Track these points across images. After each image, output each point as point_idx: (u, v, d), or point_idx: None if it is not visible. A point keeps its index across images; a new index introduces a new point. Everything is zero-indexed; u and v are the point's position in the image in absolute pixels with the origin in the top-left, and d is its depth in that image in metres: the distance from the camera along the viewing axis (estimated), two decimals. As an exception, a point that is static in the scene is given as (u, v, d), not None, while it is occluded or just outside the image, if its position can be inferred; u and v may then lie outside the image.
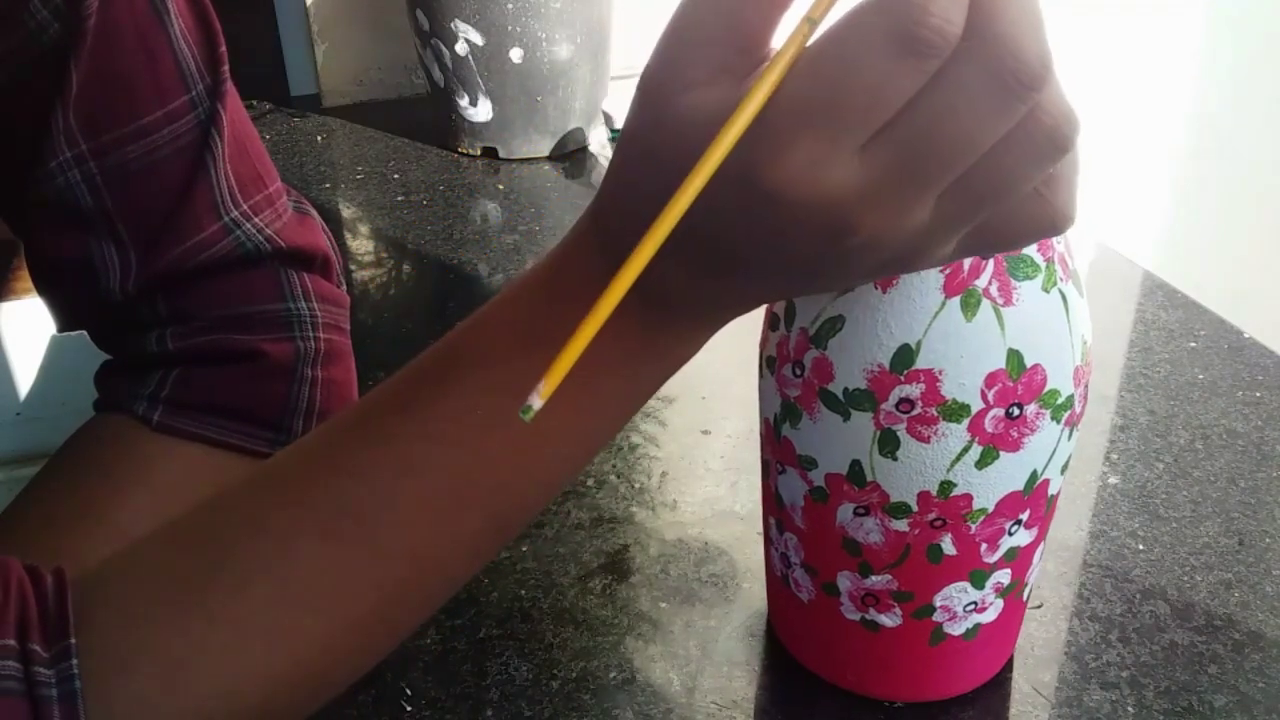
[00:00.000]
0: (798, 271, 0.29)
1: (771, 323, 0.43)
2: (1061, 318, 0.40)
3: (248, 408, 0.48)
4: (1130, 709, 0.47)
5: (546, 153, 1.04)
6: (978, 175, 0.26)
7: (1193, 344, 0.74)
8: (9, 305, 1.29)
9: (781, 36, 0.28)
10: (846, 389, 0.40)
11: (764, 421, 0.45)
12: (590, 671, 0.49)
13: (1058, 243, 0.40)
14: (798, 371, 0.41)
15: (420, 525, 0.34)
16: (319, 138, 1.09)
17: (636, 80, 0.29)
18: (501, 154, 1.04)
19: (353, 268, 0.87)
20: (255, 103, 1.15)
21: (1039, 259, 0.39)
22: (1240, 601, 0.53)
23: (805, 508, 0.44)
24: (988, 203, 0.27)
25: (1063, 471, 0.43)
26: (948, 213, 0.27)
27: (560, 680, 0.49)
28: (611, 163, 0.31)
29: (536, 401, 0.25)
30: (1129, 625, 0.52)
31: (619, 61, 1.10)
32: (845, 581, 0.44)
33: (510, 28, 0.97)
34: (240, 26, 1.36)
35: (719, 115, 0.26)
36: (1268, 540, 0.57)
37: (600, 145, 1.05)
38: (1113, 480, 0.61)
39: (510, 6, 0.95)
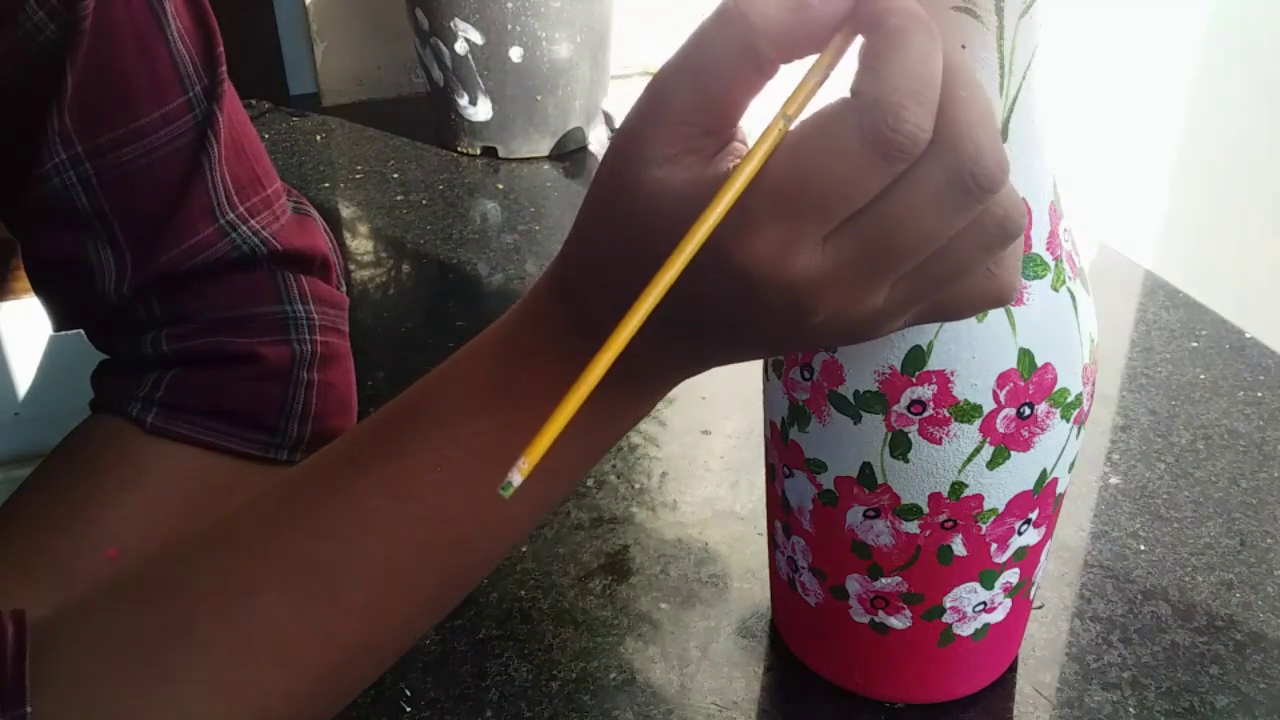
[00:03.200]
0: (759, 342, 0.32)
1: None
2: (1071, 316, 0.40)
3: (242, 411, 0.47)
4: (1132, 710, 0.47)
5: (546, 152, 1.04)
6: (933, 264, 0.28)
7: (1194, 344, 0.74)
8: (8, 305, 1.29)
9: (752, 122, 0.29)
10: (857, 391, 0.39)
11: (769, 425, 0.45)
12: (590, 672, 0.49)
13: (1065, 241, 0.40)
14: (806, 375, 0.41)
15: (381, 583, 0.34)
16: (318, 137, 1.09)
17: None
18: (501, 153, 1.04)
19: (352, 267, 0.87)
20: (254, 102, 1.15)
21: (1048, 258, 0.39)
22: (1242, 602, 0.53)
23: (814, 511, 0.43)
24: (941, 287, 0.29)
25: (1070, 470, 0.43)
26: (903, 295, 0.29)
27: (560, 681, 0.49)
28: (577, 223, 0.32)
29: (516, 478, 0.25)
30: (1130, 626, 0.51)
31: (619, 60, 1.10)
32: (854, 584, 0.44)
33: (510, 27, 0.96)
34: (239, 25, 1.36)
35: (686, 194, 0.28)
36: (1269, 541, 0.57)
37: (600, 145, 1.05)
38: (1114, 480, 0.61)
39: (510, 5, 0.95)
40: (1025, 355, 0.39)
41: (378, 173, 1.01)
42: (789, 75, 0.29)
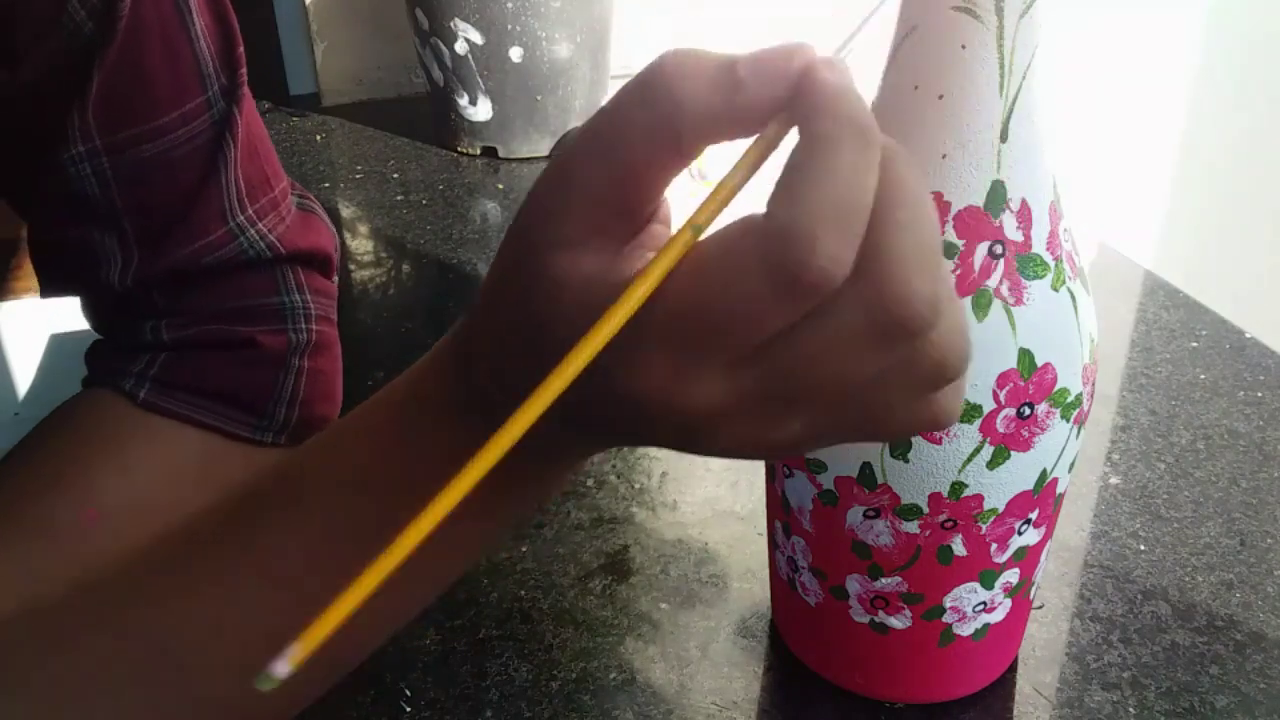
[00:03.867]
0: (660, 443, 0.28)
1: None
2: (1071, 316, 0.40)
3: (234, 393, 0.48)
4: (1131, 710, 0.47)
5: (546, 152, 1.04)
6: (854, 401, 0.25)
7: (1194, 344, 0.74)
8: (8, 305, 1.29)
9: (666, 205, 0.27)
10: None
11: None
12: (590, 672, 0.49)
13: (1065, 241, 0.40)
14: None
15: (239, 669, 0.28)
16: (318, 137, 1.09)
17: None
18: (501, 153, 1.04)
19: (352, 267, 0.87)
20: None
21: (1048, 258, 0.39)
22: (1242, 602, 0.53)
23: (814, 511, 0.43)
24: (863, 428, 0.26)
25: (1070, 470, 0.43)
26: (821, 427, 0.26)
27: (560, 681, 0.49)
28: (481, 293, 0.29)
29: (283, 669, 0.20)
30: (1130, 626, 0.51)
31: (619, 60, 1.10)
32: (854, 584, 0.44)
33: (510, 26, 0.96)
34: (239, 25, 1.36)
35: (590, 287, 0.25)
36: (1269, 541, 0.57)
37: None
38: (1114, 480, 0.61)
39: (510, 5, 0.95)
40: (1025, 355, 0.39)
41: (378, 173, 1.01)
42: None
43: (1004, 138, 0.37)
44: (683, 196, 0.27)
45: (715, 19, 1.24)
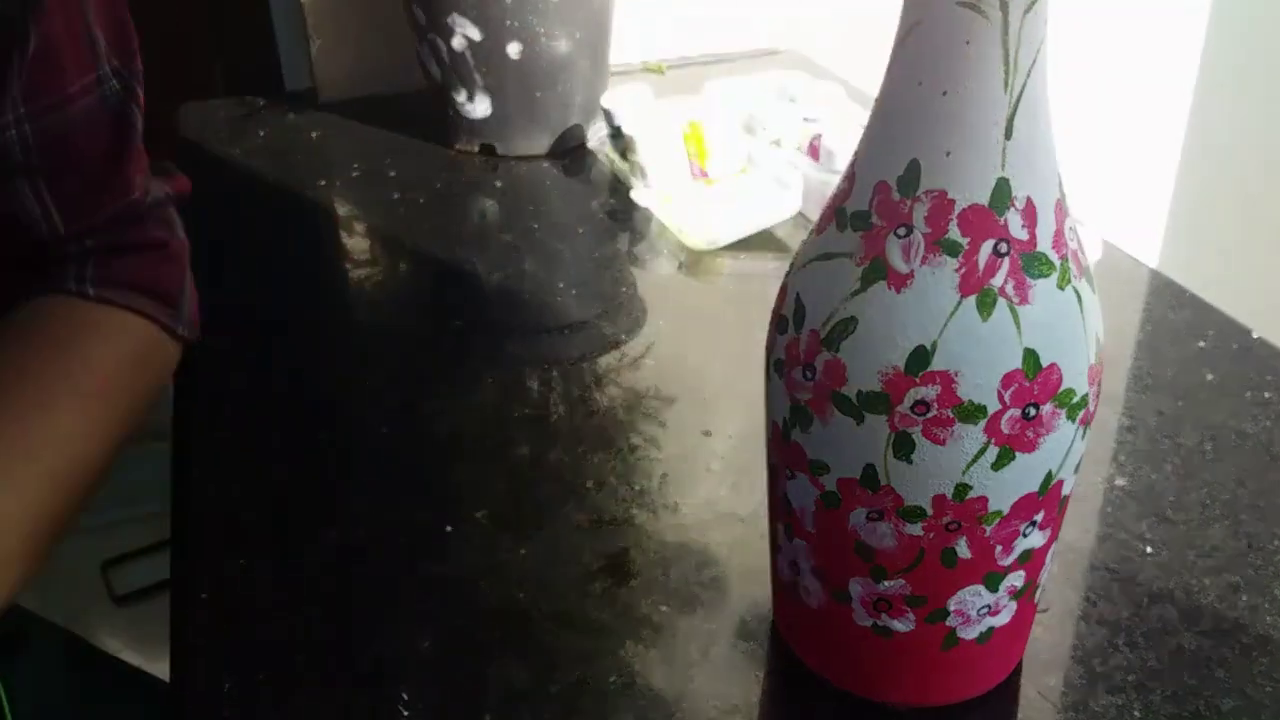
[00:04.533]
0: None
1: (779, 325, 0.43)
2: (1077, 315, 0.39)
3: (155, 287, 0.58)
4: (1137, 713, 0.47)
5: (545, 150, 1.04)
6: None
7: (1201, 344, 0.73)
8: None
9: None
10: (860, 391, 0.39)
11: (771, 425, 0.44)
12: (590, 676, 0.49)
13: (1071, 239, 0.39)
14: (809, 374, 0.40)
15: None
16: (314, 134, 1.09)
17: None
18: (499, 151, 1.03)
19: (348, 266, 0.86)
20: (250, 99, 1.14)
21: (1054, 256, 0.38)
22: (1249, 605, 0.52)
23: (816, 512, 0.43)
24: None
25: (1075, 471, 0.42)
26: None
27: (560, 685, 0.48)
28: None
29: None
30: (1136, 629, 0.51)
31: (619, 57, 1.09)
32: (857, 587, 0.43)
33: (508, 23, 0.96)
34: (234, 22, 1.35)
35: None
36: (1277, 543, 0.56)
37: (599, 142, 1.04)
38: (1120, 482, 0.61)
39: (508, 1, 0.94)
40: (1030, 355, 0.38)
41: (375, 170, 1.00)
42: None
43: (1009, 134, 0.36)
44: (683, 196, 0.26)
45: (715, 17, 1.23)
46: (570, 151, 1.04)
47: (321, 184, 0.99)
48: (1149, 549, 0.56)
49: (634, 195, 0.92)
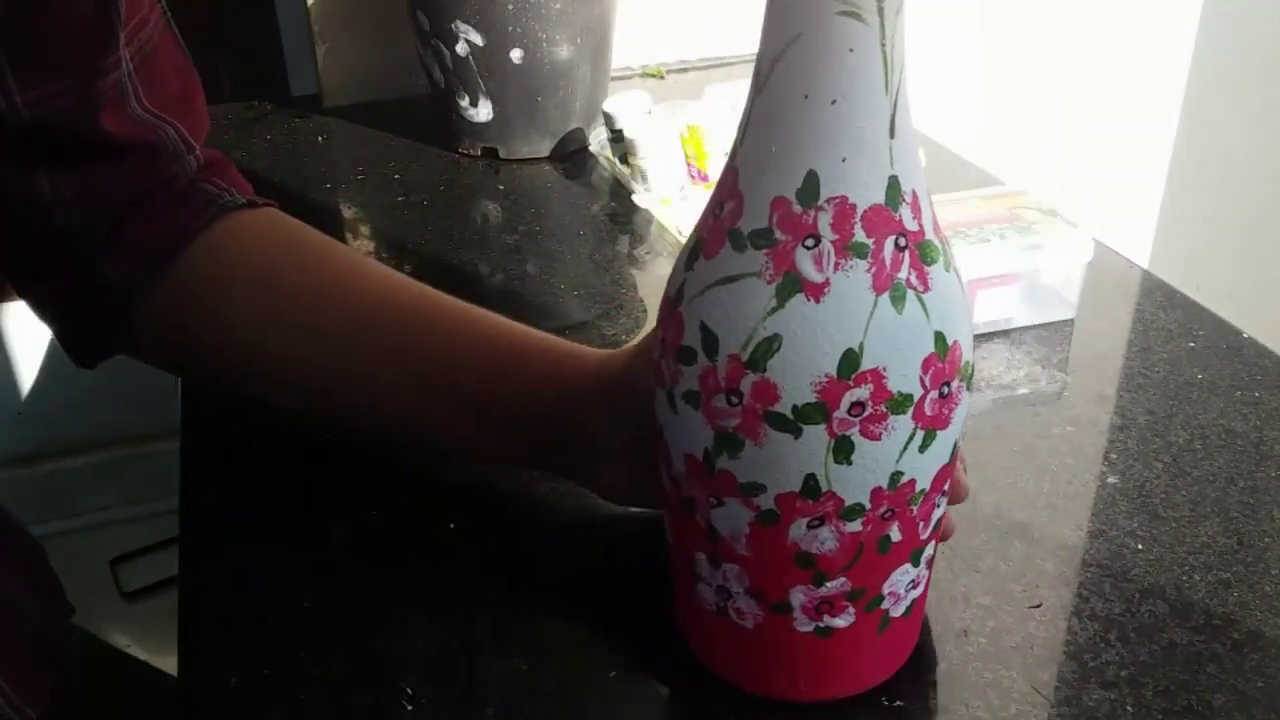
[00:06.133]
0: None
1: (682, 357, 0.41)
2: (960, 293, 0.41)
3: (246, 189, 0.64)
4: (1129, 708, 0.47)
5: (547, 153, 1.04)
6: None
7: (1191, 344, 0.74)
8: (9, 305, 1.29)
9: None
10: (795, 406, 0.39)
11: (686, 459, 0.43)
12: (590, 672, 0.49)
13: (925, 219, 0.40)
14: (734, 400, 0.40)
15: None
16: (319, 138, 1.09)
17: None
18: (502, 154, 1.04)
19: (353, 268, 0.87)
20: (256, 103, 1.15)
21: (937, 241, 0.40)
22: (1239, 601, 0.53)
23: (750, 534, 0.43)
24: None
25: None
26: None
27: (561, 680, 0.49)
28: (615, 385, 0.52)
29: None
30: (1128, 625, 0.52)
31: (619, 62, 1.10)
32: (799, 596, 0.44)
33: (510, 28, 0.97)
34: (240, 28, 1.36)
35: None
36: (1266, 540, 0.57)
37: (600, 145, 1.05)
38: (1111, 480, 0.61)
39: (511, 7, 0.95)
40: (939, 337, 0.40)
41: (379, 174, 1.01)
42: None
43: (892, 134, 0.38)
44: (683, 196, 0.27)
45: (714, 22, 1.24)
46: (571, 155, 1.05)
47: (326, 187, 1.00)
48: (1140, 546, 0.56)
49: (634, 198, 0.92)
